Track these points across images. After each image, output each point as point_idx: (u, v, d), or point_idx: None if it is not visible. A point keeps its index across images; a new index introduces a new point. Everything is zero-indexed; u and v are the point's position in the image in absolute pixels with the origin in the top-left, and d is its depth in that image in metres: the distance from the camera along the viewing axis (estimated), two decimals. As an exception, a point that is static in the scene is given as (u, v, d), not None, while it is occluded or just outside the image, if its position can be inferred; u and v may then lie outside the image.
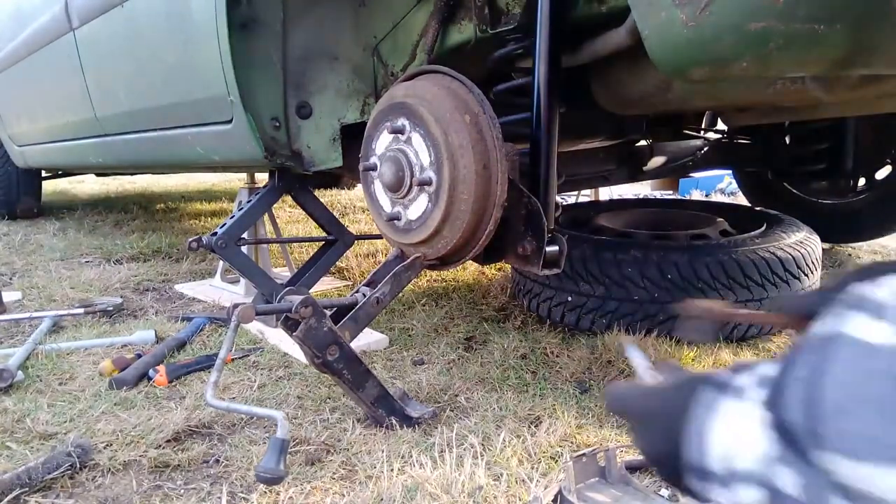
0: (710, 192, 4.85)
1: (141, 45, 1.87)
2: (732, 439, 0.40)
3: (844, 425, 0.32)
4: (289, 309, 1.13)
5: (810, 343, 0.37)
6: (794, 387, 0.36)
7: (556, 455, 1.13)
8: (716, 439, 0.41)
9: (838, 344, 0.35)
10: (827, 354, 0.35)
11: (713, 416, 0.41)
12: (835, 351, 0.35)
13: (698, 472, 0.42)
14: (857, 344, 0.34)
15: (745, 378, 0.42)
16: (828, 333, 0.36)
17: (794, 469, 0.36)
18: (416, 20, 1.42)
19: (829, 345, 0.36)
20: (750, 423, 0.39)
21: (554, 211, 1.18)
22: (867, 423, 0.32)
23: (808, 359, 0.36)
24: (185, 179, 6.43)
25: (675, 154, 2.36)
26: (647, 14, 0.85)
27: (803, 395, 0.35)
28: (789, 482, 0.37)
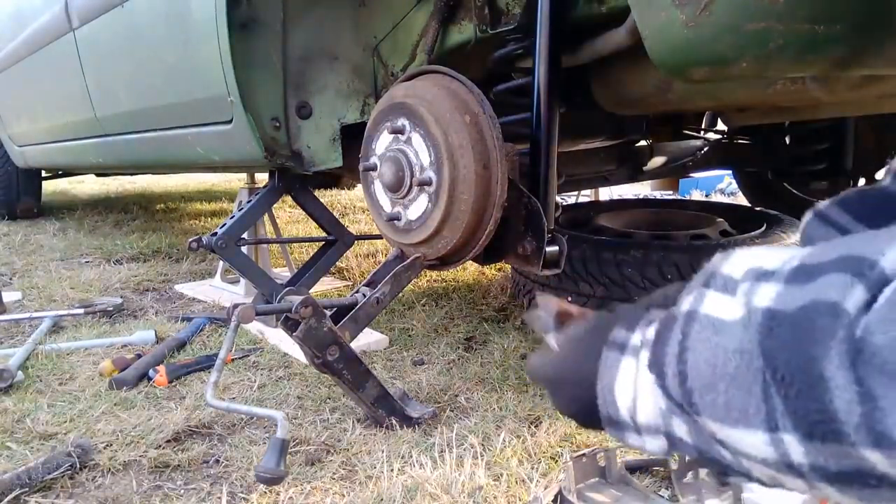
0: (710, 193, 4.85)
1: (141, 46, 1.87)
2: (633, 395, 0.46)
3: (713, 399, 0.38)
4: (289, 309, 1.13)
5: (676, 317, 0.43)
6: (668, 360, 0.42)
7: (556, 455, 1.13)
8: (620, 396, 0.47)
9: (696, 321, 0.40)
10: (688, 332, 0.41)
11: (616, 376, 0.47)
12: (694, 329, 0.40)
13: (614, 424, 0.49)
14: (710, 321, 0.39)
15: (636, 337, 0.48)
16: (688, 310, 0.42)
17: (683, 420, 0.42)
18: (416, 20, 1.42)
19: (689, 322, 0.41)
20: (643, 381, 0.45)
21: (554, 211, 1.18)
22: (729, 396, 0.37)
23: (674, 334, 0.42)
24: (185, 179, 6.42)
25: (675, 154, 2.36)
26: (646, 14, 0.85)
27: (675, 369, 0.41)
28: (681, 429, 0.43)
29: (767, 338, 0.35)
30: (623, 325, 0.49)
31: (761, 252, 0.41)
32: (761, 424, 0.35)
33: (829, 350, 0.32)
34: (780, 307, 0.36)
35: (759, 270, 0.39)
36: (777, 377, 0.34)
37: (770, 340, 0.35)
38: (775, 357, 0.34)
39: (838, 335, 0.32)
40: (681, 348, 0.40)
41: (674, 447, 0.44)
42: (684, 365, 0.40)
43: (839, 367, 0.31)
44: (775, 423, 0.35)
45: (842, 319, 0.32)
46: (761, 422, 0.35)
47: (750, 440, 0.36)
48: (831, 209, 0.68)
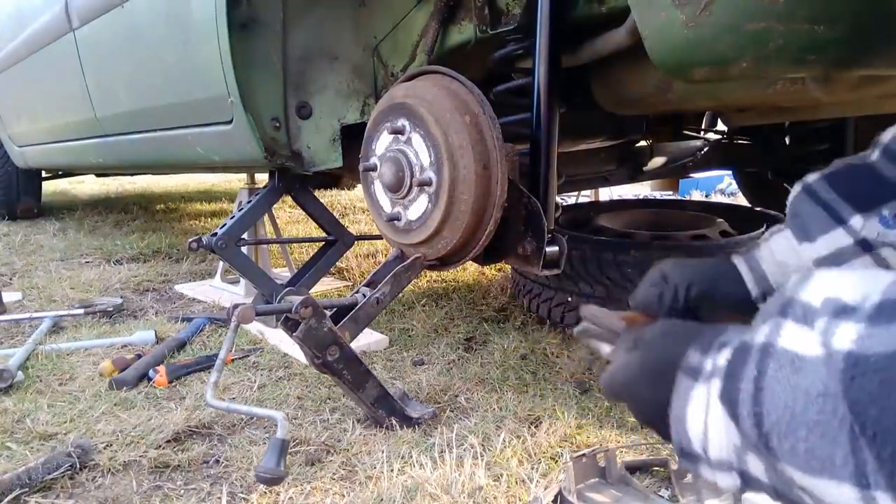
0: (710, 193, 4.85)
1: (141, 46, 1.87)
2: (704, 427, 0.43)
3: (792, 445, 0.35)
4: (289, 309, 1.13)
5: (750, 348, 0.40)
6: (742, 398, 0.39)
7: (556, 455, 1.13)
8: (691, 426, 0.44)
9: (773, 358, 0.37)
10: (764, 369, 0.38)
11: (688, 405, 0.45)
12: (770, 367, 0.37)
13: (686, 455, 0.46)
14: (789, 358, 0.36)
15: (709, 363, 0.44)
16: (763, 343, 0.39)
17: (759, 459, 0.39)
18: (416, 20, 1.42)
19: (765, 357, 0.38)
20: (715, 414, 0.42)
21: (554, 211, 1.18)
22: (811, 444, 0.34)
23: (748, 369, 0.39)
24: (185, 179, 6.42)
25: (675, 154, 2.36)
26: (646, 14, 0.85)
27: (751, 409, 0.38)
28: (756, 468, 0.40)
29: (851, 387, 0.32)
30: (698, 347, 0.46)
31: (842, 279, 0.38)
32: (850, 478, 0.32)
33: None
34: (862, 351, 0.33)
35: (839, 304, 0.36)
36: (867, 433, 0.31)
37: (855, 391, 0.32)
38: (862, 411, 0.31)
39: None
40: (756, 387, 0.37)
41: (748, 486, 0.41)
42: (760, 406, 0.37)
43: None
44: (866, 480, 0.32)
45: None
46: (850, 475, 0.32)
47: (836, 492, 0.33)
48: (819, 184, 0.67)
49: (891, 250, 0.60)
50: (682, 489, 1.03)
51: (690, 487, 1.03)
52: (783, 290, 0.41)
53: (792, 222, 0.68)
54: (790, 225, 0.69)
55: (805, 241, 0.65)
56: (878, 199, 0.62)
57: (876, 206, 0.62)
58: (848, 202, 0.63)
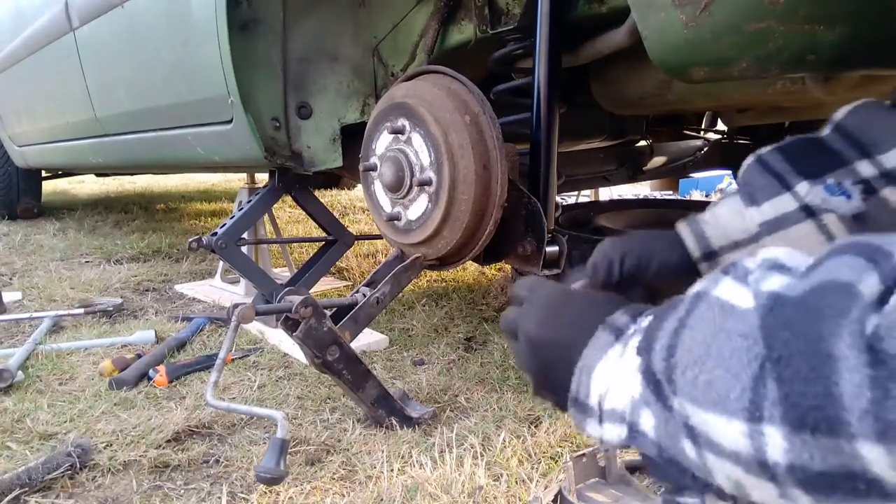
0: (710, 193, 4.84)
1: (141, 46, 1.87)
2: (609, 381, 0.44)
3: (695, 375, 0.36)
4: (289, 309, 1.13)
5: (683, 299, 0.41)
6: (660, 336, 0.39)
7: (556, 455, 1.13)
8: (596, 380, 0.45)
9: (704, 301, 0.38)
10: (692, 309, 0.38)
11: (600, 360, 0.45)
12: (699, 307, 0.38)
13: (579, 406, 0.46)
14: (718, 303, 0.37)
15: (633, 327, 0.45)
16: (698, 291, 0.40)
17: (652, 411, 0.40)
18: (416, 20, 1.43)
19: (696, 301, 0.39)
20: (625, 367, 0.42)
21: (554, 211, 1.18)
22: (714, 375, 0.34)
23: (676, 313, 0.40)
24: (185, 179, 6.43)
25: (675, 154, 2.36)
26: (646, 14, 0.85)
27: (666, 342, 0.38)
28: (647, 422, 0.40)
29: (769, 316, 0.33)
30: (628, 311, 0.47)
31: (785, 250, 0.39)
32: (741, 412, 0.33)
33: (840, 328, 0.29)
34: (787, 292, 0.34)
35: (776, 262, 0.38)
36: (773, 357, 0.31)
37: (771, 319, 0.33)
38: (775, 336, 0.32)
39: (852, 314, 0.29)
40: (679, 324, 0.38)
41: (633, 440, 0.42)
42: (676, 339, 0.38)
43: (851, 347, 0.29)
44: (759, 413, 0.32)
45: (856, 299, 0.30)
46: (742, 409, 0.32)
47: (724, 429, 0.34)
48: (772, 155, 0.68)
49: (833, 217, 0.61)
50: (681, 489, 1.03)
51: (690, 487, 1.03)
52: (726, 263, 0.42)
53: (742, 188, 0.70)
54: (739, 192, 0.70)
55: (752, 205, 0.66)
56: (824, 169, 0.64)
57: (822, 174, 0.63)
58: (795, 170, 0.65)
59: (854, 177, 0.62)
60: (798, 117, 2.01)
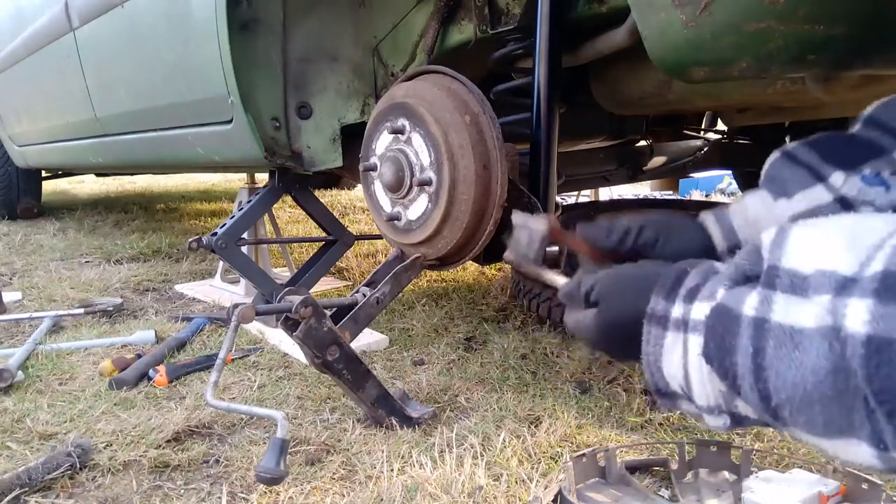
0: (710, 193, 4.85)
1: (141, 46, 1.87)
2: (684, 374, 0.44)
3: (805, 418, 0.36)
4: (289, 309, 1.13)
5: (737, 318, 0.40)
6: (740, 372, 0.39)
7: (556, 455, 1.13)
8: (668, 371, 0.46)
9: (769, 334, 0.37)
10: (762, 346, 0.38)
11: (662, 353, 0.46)
12: (769, 344, 0.37)
13: (665, 395, 0.48)
14: (786, 334, 0.37)
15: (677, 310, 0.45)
16: (755, 318, 0.39)
17: (747, 402, 0.40)
18: (416, 20, 1.43)
19: (761, 334, 0.38)
20: (697, 366, 0.43)
21: (554, 211, 1.18)
22: (826, 415, 0.35)
23: (742, 343, 0.39)
24: (185, 179, 6.43)
25: (675, 154, 2.36)
26: (646, 14, 0.85)
27: (753, 384, 0.38)
28: (745, 409, 0.41)
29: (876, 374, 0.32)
30: (660, 292, 0.47)
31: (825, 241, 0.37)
32: (868, 439, 0.34)
33: None
34: (880, 334, 0.32)
35: (836, 276, 0.35)
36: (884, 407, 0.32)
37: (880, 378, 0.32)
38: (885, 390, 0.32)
39: None
40: (756, 366, 0.38)
41: (738, 424, 0.43)
42: (765, 384, 0.37)
43: None
44: (884, 444, 0.33)
45: None
46: (867, 436, 0.34)
47: (855, 449, 0.35)
48: (799, 149, 0.65)
49: (870, 209, 0.59)
50: (682, 489, 1.03)
51: (690, 487, 1.04)
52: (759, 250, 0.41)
53: (768, 183, 0.66)
54: (765, 185, 0.67)
55: (781, 196, 0.64)
56: (859, 159, 0.61)
57: (858, 165, 0.61)
58: (828, 162, 0.62)
59: (893, 166, 0.59)
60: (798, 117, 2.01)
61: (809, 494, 0.89)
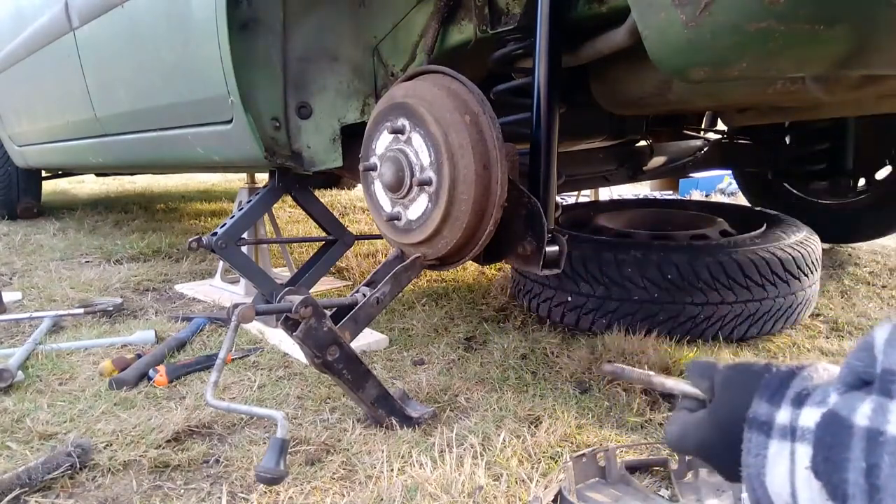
0: (710, 193, 4.85)
1: (141, 46, 1.87)
2: (791, 491, 0.40)
3: None
4: (289, 309, 1.13)
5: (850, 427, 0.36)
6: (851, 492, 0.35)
7: (556, 455, 1.13)
8: (773, 486, 0.41)
9: (884, 449, 0.34)
10: (877, 462, 0.34)
11: (765, 464, 0.41)
12: (885, 461, 0.34)
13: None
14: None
15: (783, 416, 0.41)
16: (868, 428, 0.35)
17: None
18: (416, 20, 1.43)
19: (874, 447, 0.35)
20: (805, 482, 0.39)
21: (554, 211, 1.18)
22: None
23: (854, 457, 0.35)
24: (185, 179, 6.43)
25: (675, 154, 2.36)
26: (646, 14, 0.85)
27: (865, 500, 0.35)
28: None
29: None
30: (764, 395, 0.43)
31: None
32: None
33: None
34: None
35: None
36: None
37: None
38: None
39: None
40: (870, 485, 0.34)
41: None
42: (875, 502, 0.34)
43: None
44: None
45: None
46: None
47: None
48: None
49: None
50: (682, 489, 1.03)
51: (690, 487, 1.04)
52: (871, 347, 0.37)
53: None
54: None
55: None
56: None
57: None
58: None
59: None
60: (798, 117, 2.01)
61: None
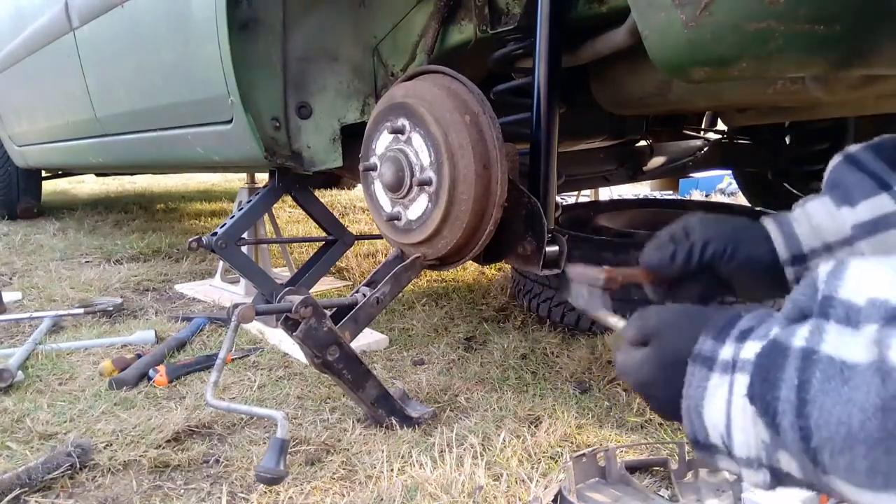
0: (710, 193, 4.85)
1: (141, 46, 1.87)
2: (726, 421, 0.41)
3: (846, 461, 0.33)
4: (289, 309, 1.13)
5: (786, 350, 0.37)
6: (782, 408, 0.36)
7: (556, 455, 1.13)
8: (710, 419, 0.42)
9: (818, 368, 0.35)
10: (808, 378, 0.35)
11: (704, 397, 0.43)
12: (816, 376, 0.35)
13: (702, 448, 0.44)
14: (835, 368, 0.34)
15: (726, 351, 0.42)
16: (804, 349, 0.36)
17: (791, 455, 0.38)
18: (416, 20, 1.42)
19: (808, 365, 0.35)
20: (740, 409, 0.40)
21: (554, 211, 1.18)
22: (869, 459, 0.32)
23: (787, 376, 0.36)
24: (185, 179, 6.43)
25: (676, 154, 2.36)
26: (646, 14, 0.85)
27: (795, 420, 0.36)
28: (789, 464, 0.38)
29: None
30: (710, 332, 0.44)
31: (882, 273, 0.35)
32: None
33: None
34: None
35: (888, 306, 0.34)
36: None
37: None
38: None
39: None
40: (799, 398, 0.35)
41: (780, 482, 0.40)
42: (807, 420, 0.35)
43: None
44: None
45: None
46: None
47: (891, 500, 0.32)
48: (863, 153, 0.62)
49: None
50: (682, 489, 1.03)
51: (690, 487, 1.04)
52: (815, 281, 0.38)
53: (831, 190, 0.64)
54: (828, 192, 0.64)
55: (845, 204, 0.61)
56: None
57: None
58: (894, 169, 0.59)
59: None
60: (798, 117, 2.01)
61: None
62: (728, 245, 0.66)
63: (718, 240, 0.66)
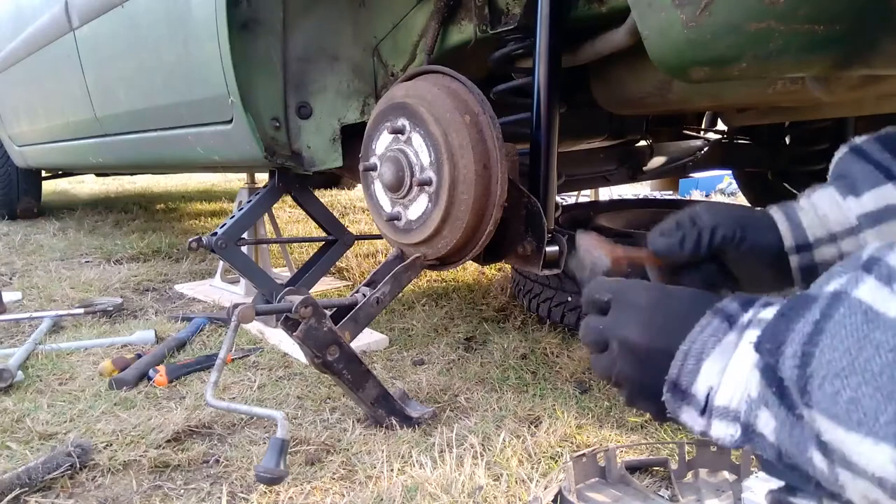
0: (710, 193, 4.85)
1: (141, 45, 1.87)
2: (721, 372, 0.40)
3: (836, 390, 0.32)
4: (289, 309, 1.13)
5: (816, 296, 0.36)
6: (791, 339, 0.35)
7: (556, 455, 1.13)
8: (706, 368, 0.41)
9: (844, 305, 0.34)
10: (830, 312, 0.34)
11: (715, 347, 0.41)
12: (839, 310, 0.34)
13: (679, 392, 0.42)
14: (862, 309, 0.33)
15: (748, 315, 0.42)
16: (835, 291, 0.35)
17: (773, 413, 0.36)
18: (416, 20, 1.42)
19: (835, 302, 0.34)
20: (740, 361, 0.39)
21: (554, 211, 1.18)
22: (860, 393, 0.31)
23: (810, 312, 0.35)
24: (185, 179, 6.43)
25: (676, 154, 2.36)
26: (646, 14, 0.85)
27: (800, 348, 0.35)
28: (766, 424, 0.37)
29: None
30: (737, 299, 0.44)
31: None
32: (893, 438, 0.30)
33: None
34: None
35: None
36: None
37: None
38: None
39: None
40: (815, 328, 0.34)
41: (748, 440, 0.39)
42: (813, 346, 0.34)
43: None
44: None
45: None
46: (894, 434, 0.30)
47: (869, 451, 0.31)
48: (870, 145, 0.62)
49: None
50: (682, 489, 1.03)
51: (690, 487, 1.04)
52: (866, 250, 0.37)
53: (836, 180, 0.64)
54: (833, 182, 0.64)
55: (850, 195, 0.61)
56: None
57: None
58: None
59: None
60: (798, 117, 2.01)
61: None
62: (737, 230, 0.66)
63: (727, 225, 0.66)
